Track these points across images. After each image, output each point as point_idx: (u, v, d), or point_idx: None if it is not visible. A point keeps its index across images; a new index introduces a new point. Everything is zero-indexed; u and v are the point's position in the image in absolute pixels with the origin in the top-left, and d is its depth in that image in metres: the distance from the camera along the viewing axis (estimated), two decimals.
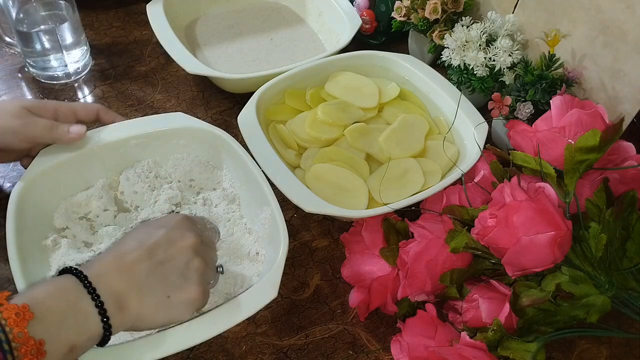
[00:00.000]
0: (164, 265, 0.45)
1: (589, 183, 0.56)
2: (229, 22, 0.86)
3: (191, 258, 0.47)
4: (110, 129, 0.60)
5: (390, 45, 0.86)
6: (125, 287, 0.43)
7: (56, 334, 0.39)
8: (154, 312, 0.44)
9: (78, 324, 0.40)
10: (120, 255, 0.44)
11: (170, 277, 0.45)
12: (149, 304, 0.44)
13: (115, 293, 0.42)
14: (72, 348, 0.40)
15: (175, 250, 0.46)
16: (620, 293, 0.51)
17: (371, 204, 0.61)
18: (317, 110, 0.68)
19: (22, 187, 0.54)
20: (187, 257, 0.46)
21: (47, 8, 0.73)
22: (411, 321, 0.53)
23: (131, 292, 0.43)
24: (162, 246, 0.46)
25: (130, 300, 0.43)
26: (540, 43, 0.73)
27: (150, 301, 0.44)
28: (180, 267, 0.46)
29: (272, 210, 0.55)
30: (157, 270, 0.45)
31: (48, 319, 0.39)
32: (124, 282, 0.43)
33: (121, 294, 0.43)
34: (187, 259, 0.46)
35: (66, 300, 0.40)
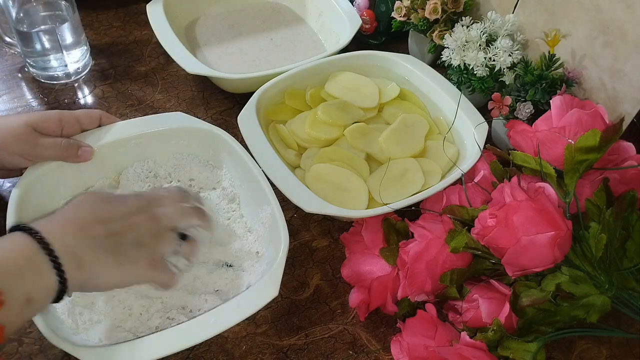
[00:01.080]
0: (118, 237, 0.47)
1: (589, 183, 0.56)
2: (229, 22, 0.86)
3: (142, 234, 0.48)
4: (110, 129, 0.60)
5: (390, 45, 0.86)
6: (79, 246, 0.44)
7: (13, 284, 0.40)
8: (106, 275, 0.45)
9: (34, 276, 0.41)
10: (75, 219, 0.46)
11: (122, 247, 0.47)
12: (103, 266, 0.45)
13: (70, 250, 0.43)
14: (30, 300, 0.40)
15: (129, 226, 0.48)
16: (620, 293, 0.51)
17: (371, 204, 0.61)
18: (317, 110, 0.68)
19: (22, 187, 0.54)
20: (138, 233, 0.48)
21: (47, 8, 0.73)
22: (411, 321, 0.53)
23: (86, 251, 0.44)
24: (117, 219, 0.47)
25: (86, 257, 0.44)
26: (540, 43, 0.73)
27: (104, 264, 0.45)
28: (132, 241, 0.47)
29: (272, 209, 0.55)
30: (112, 239, 0.46)
31: (4, 271, 0.40)
32: (79, 243, 0.44)
33: (77, 253, 0.44)
34: (139, 235, 0.48)
35: (21, 254, 0.41)
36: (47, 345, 0.52)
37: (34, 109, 0.73)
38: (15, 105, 0.73)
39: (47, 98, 0.75)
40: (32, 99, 0.74)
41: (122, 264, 0.46)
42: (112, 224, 0.47)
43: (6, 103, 0.73)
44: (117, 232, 0.47)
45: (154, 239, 0.49)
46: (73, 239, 0.44)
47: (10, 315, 0.39)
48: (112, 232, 0.46)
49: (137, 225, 0.48)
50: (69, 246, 0.43)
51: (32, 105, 0.74)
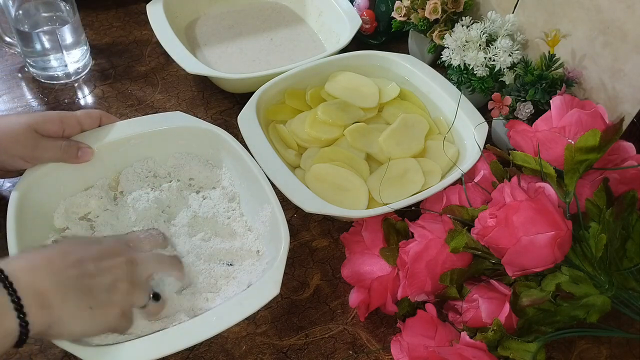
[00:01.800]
0: (92, 279, 0.44)
1: (589, 183, 0.56)
2: (229, 22, 0.86)
3: (118, 279, 0.46)
4: (110, 128, 0.60)
5: (390, 45, 0.86)
6: (49, 286, 0.42)
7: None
8: (74, 319, 0.43)
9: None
10: (49, 257, 0.44)
11: (95, 290, 0.44)
12: (71, 309, 0.43)
13: (38, 290, 0.41)
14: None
15: (105, 268, 0.46)
16: (620, 293, 0.52)
17: (371, 204, 0.61)
18: (317, 110, 0.68)
19: (22, 187, 0.54)
20: (114, 277, 0.46)
21: (47, 8, 0.73)
22: (411, 321, 0.53)
23: (56, 292, 0.42)
24: (93, 260, 0.45)
25: (54, 300, 0.42)
26: (540, 43, 0.73)
27: (73, 306, 0.43)
28: (107, 285, 0.45)
29: (272, 208, 0.55)
30: (84, 280, 0.44)
31: None
32: (48, 282, 0.42)
33: (44, 293, 0.41)
34: (114, 279, 0.46)
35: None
36: (47, 345, 0.52)
37: (34, 109, 0.73)
38: (15, 105, 0.73)
39: (47, 98, 0.75)
40: (32, 99, 0.74)
41: (91, 308, 0.44)
42: (85, 265, 0.45)
43: (6, 103, 0.73)
44: (91, 274, 0.44)
45: (130, 286, 0.47)
46: (41, 278, 0.42)
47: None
48: (85, 274, 0.44)
49: (112, 268, 0.46)
50: (35, 284, 0.41)
51: (32, 105, 0.74)
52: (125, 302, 0.46)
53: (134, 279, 0.47)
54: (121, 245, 0.49)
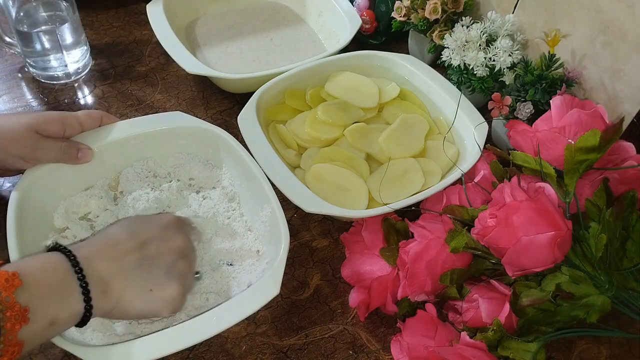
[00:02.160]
0: (152, 260, 0.47)
1: (589, 183, 0.56)
2: (229, 22, 0.86)
3: (178, 259, 0.49)
4: (110, 129, 0.60)
5: (390, 45, 0.86)
6: (111, 273, 0.45)
7: (41, 304, 0.40)
8: (133, 302, 0.46)
9: (62, 299, 0.42)
10: (112, 243, 0.47)
11: (156, 272, 0.47)
12: (131, 293, 0.46)
13: (101, 277, 0.44)
14: (53, 322, 0.41)
15: (165, 248, 0.49)
16: (620, 293, 0.51)
17: (371, 204, 0.61)
18: (317, 110, 0.68)
19: (22, 187, 0.54)
20: (175, 257, 0.49)
21: (47, 8, 0.73)
22: (411, 321, 0.53)
23: (117, 278, 0.45)
24: (154, 242, 0.48)
25: (114, 286, 0.45)
26: (540, 43, 0.73)
27: (133, 291, 0.46)
28: (167, 265, 0.48)
29: (273, 208, 0.55)
30: (145, 263, 0.47)
31: (34, 289, 0.40)
32: (111, 269, 0.45)
33: (106, 279, 0.44)
34: (175, 259, 0.49)
35: (54, 275, 0.42)
36: (47, 345, 0.52)
37: (34, 109, 0.73)
38: (15, 105, 0.73)
39: (47, 98, 0.75)
40: (32, 99, 0.74)
41: (152, 291, 0.46)
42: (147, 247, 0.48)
43: (6, 103, 0.73)
44: (152, 256, 0.48)
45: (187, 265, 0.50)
46: (105, 264, 0.45)
47: (32, 334, 0.40)
48: (147, 256, 0.47)
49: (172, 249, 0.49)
50: (99, 271, 0.44)
51: (32, 105, 0.74)
52: (185, 278, 0.49)
53: (189, 254, 0.51)
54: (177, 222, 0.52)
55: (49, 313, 0.41)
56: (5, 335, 0.37)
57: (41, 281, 0.41)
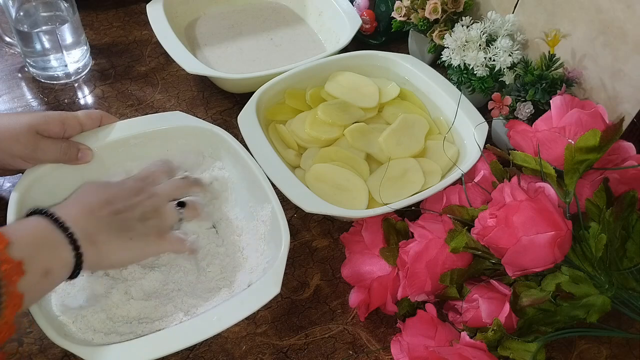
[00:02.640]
0: (124, 214, 0.51)
1: (589, 183, 0.56)
2: (229, 22, 0.86)
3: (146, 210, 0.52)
4: (110, 128, 0.60)
5: (390, 45, 0.86)
6: (92, 227, 0.48)
7: (33, 256, 0.42)
8: (120, 250, 0.49)
9: (51, 250, 0.44)
10: (82, 203, 0.50)
11: (130, 223, 0.51)
12: (115, 242, 0.49)
13: (84, 229, 0.47)
14: (47, 271, 0.43)
15: (132, 204, 0.52)
16: (620, 293, 0.51)
17: (371, 204, 0.61)
18: (317, 110, 0.68)
19: (22, 187, 0.54)
20: (142, 210, 0.52)
21: (47, 8, 0.73)
22: (411, 321, 0.53)
23: (98, 231, 0.48)
24: (121, 200, 0.52)
25: (99, 236, 0.48)
26: (540, 43, 0.73)
27: (116, 239, 0.49)
28: (138, 217, 0.52)
29: (273, 207, 0.55)
30: (118, 216, 0.50)
31: (23, 244, 0.42)
32: (90, 222, 0.48)
33: (89, 231, 0.47)
34: (143, 211, 0.52)
35: (39, 231, 0.45)
36: (47, 345, 0.52)
37: (34, 109, 0.73)
38: (15, 105, 0.73)
39: (47, 98, 0.75)
40: (32, 99, 0.74)
41: (132, 239, 0.50)
42: (116, 204, 0.51)
43: (6, 103, 0.73)
44: (122, 211, 0.51)
45: (158, 213, 0.53)
46: (84, 220, 0.48)
47: (29, 285, 0.41)
48: (117, 211, 0.50)
49: (139, 204, 0.52)
50: (81, 226, 0.47)
51: (32, 105, 0.74)
52: (160, 225, 0.53)
53: (158, 206, 0.54)
54: (139, 183, 0.55)
55: (43, 263, 0.43)
56: (5, 287, 0.39)
57: (29, 237, 0.44)
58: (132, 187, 0.54)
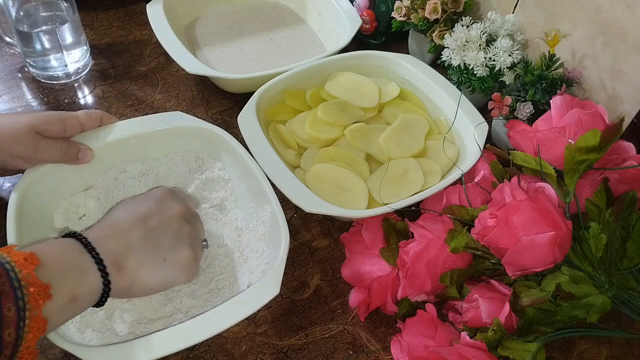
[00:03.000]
0: (157, 232, 0.48)
1: (589, 183, 0.56)
2: (229, 22, 0.86)
3: (182, 224, 0.50)
4: (110, 129, 0.60)
5: (390, 45, 0.86)
6: (121, 250, 0.46)
7: (60, 280, 0.41)
8: (150, 274, 0.47)
9: (79, 276, 0.43)
10: (114, 224, 0.48)
11: (164, 241, 0.48)
12: (146, 266, 0.47)
13: (113, 255, 0.45)
14: (74, 297, 0.42)
15: (167, 218, 0.50)
16: (620, 293, 0.51)
17: (371, 204, 0.61)
18: (317, 110, 0.68)
19: (22, 187, 0.54)
20: (178, 224, 0.50)
21: (47, 8, 0.73)
22: (411, 321, 0.53)
23: (128, 254, 0.46)
24: (154, 214, 0.49)
25: (128, 261, 0.46)
26: (540, 43, 0.73)
27: (147, 263, 0.47)
28: (173, 233, 0.49)
29: (273, 208, 0.55)
30: (151, 235, 0.48)
31: (53, 267, 0.41)
32: (120, 247, 0.46)
33: (119, 257, 0.45)
34: (179, 226, 0.50)
35: (69, 255, 0.43)
36: (47, 345, 0.52)
37: (34, 109, 0.73)
38: (15, 105, 0.73)
39: (47, 98, 0.75)
40: (32, 99, 0.74)
41: (166, 260, 0.48)
42: (148, 221, 0.49)
43: (6, 103, 0.73)
44: (156, 228, 0.48)
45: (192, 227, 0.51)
46: (113, 243, 0.46)
47: (55, 310, 0.40)
48: (150, 229, 0.48)
49: (174, 218, 0.50)
50: (110, 250, 0.45)
51: (32, 105, 0.74)
52: (194, 241, 0.51)
53: (191, 219, 0.52)
54: (170, 193, 0.53)
55: (69, 289, 0.42)
56: (30, 311, 0.38)
57: (58, 260, 0.42)
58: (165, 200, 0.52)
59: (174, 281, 0.49)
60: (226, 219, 0.61)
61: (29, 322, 0.38)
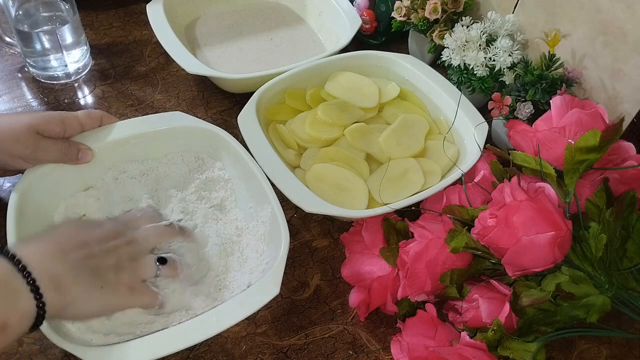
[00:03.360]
0: (98, 260, 0.47)
1: (589, 183, 0.56)
2: (229, 22, 0.86)
3: (122, 258, 0.48)
4: (110, 129, 0.60)
5: (390, 45, 0.86)
6: (60, 270, 0.43)
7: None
8: (87, 299, 0.45)
9: (10, 300, 0.40)
10: (54, 241, 0.46)
11: (103, 271, 0.46)
12: (83, 290, 0.44)
13: (51, 273, 0.42)
14: (4, 326, 0.39)
15: (108, 249, 0.48)
16: (620, 293, 0.51)
17: (371, 204, 0.61)
18: (317, 110, 0.68)
19: (22, 188, 0.54)
20: (117, 257, 0.48)
21: (47, 8, 0.73)
22: (411, 321, 0.53)
23: (67, 275, 0.44)
24: (97, 243, 0.48)
25: (66, 282, 0.43)
26: (540, 43, 0.73)
27: (84, 287, 0.45)
28: (112, 265, 0.47)
29: (272, 208, 0.55)
30: (92, 261, 0.46)
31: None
32: (59, 266, 0.44)
33: (56, 276, 0.43)
34: (118, 259, 0.48)
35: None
36: (47, 345, 0.52)
37: (34, 109, 0.73)
38: (15, 105, 0.73)
39: (47, 98, 0.75)
40: (32, 99, 0.74)
41: (102, 288, 0.46)
42: (90, 247, 0.47)
43: (6, 103, 0.73)
44: (96, 255, 0.47)
45: (133, 263, 0.49)
46: (52, 261, 0.43)
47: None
48: (91, 255, 0.46)
49: (115, 249, 0.48)
50: (48, 268, 0.42)
51: (32, 105, 0.74)
52: (133, 278, 0.49)
53: (135, 255, 0.50)
54: (120, 226, 0.52)
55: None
56: None
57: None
58: (111, 230, 0.50)
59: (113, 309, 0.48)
60: (226, 218, 0.61)
61: None
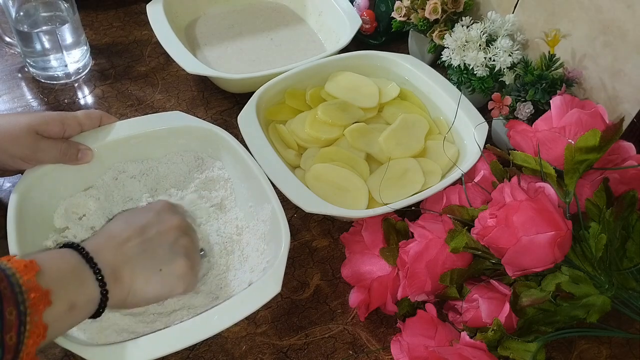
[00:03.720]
0: (154, 242, 0.49)
1: (589, 183, 0.56)
2: (229, 22, 0.86)
3: (179, 236, 0.51)
4: (109, 129, 0.60)
5: (390, 45, 0.86)
6: (118, 261, 0.46)
7: (60, 288, 0.41)
8: (145, 285, 0.47)
9: (78, 285, 0.43)
10: (111, 236, 0.49)
11: (160, 251, 0.49)
12: (141, 277, 0.47)
13: (110, 266, 0.46)
14: (73, 305, 0.42)
15: (164, 229, 0.50)
16: (620, 293, 0.52)
17: (371, 204, 0.61)
18: (317, 110, 0.68)
19: (22, 188, 0.54)
20: (175, 235, 0.51)
21: (47, 8, 0.73)
22: (411, 321, 0.53)
23: (124, 266, 0.47)
24: (152, 226, 0.50)
25: (124, 272, 0.46)
26: (540, 43, 0.73)
27: (142, 274, 0.47)
28: (170, 244, 0.50)
29: (273, 207, 0.55)
30: (147, 246, 0.49)
31: (52, 275, 0.41)
32: (117, 258, 0.47)
33: (115, 268, 0.46)
34: (176, 237, 0.51)
35: (68, 264, 0.44)
36: (48, 345, 0.52)
37: (34, 109, 0.73)
38: (15, 105, 0.73)
39: (47, 98, 0.75)
40: (32, 99, 0.74)
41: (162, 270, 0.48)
42: (148, 231, 0.49)
43: (6, 103, 0.73)
44: (153, 238, 0.49)
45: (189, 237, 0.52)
46: (112, 253, 0.47)
47: (55, 317, 0.40)
48: (147, 239, 0.49)
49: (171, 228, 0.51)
50: (109, 260, 0.46)
51: (32, 105, 0.74)
52: (190, 252, 0.51)
53: (189, 231, 0.53)
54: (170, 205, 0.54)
55: (69, 296, 0.42)
56: (30, 315, 0.38)
57: (57, 268, 0.42)
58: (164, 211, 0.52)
59: (171, 292, 0.49)
60: (226, 218, 0.61)
61: (29, 327, 0.38)
